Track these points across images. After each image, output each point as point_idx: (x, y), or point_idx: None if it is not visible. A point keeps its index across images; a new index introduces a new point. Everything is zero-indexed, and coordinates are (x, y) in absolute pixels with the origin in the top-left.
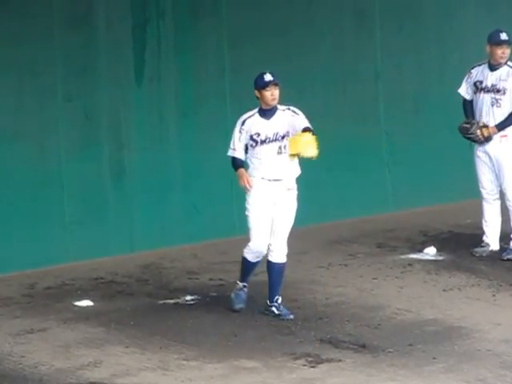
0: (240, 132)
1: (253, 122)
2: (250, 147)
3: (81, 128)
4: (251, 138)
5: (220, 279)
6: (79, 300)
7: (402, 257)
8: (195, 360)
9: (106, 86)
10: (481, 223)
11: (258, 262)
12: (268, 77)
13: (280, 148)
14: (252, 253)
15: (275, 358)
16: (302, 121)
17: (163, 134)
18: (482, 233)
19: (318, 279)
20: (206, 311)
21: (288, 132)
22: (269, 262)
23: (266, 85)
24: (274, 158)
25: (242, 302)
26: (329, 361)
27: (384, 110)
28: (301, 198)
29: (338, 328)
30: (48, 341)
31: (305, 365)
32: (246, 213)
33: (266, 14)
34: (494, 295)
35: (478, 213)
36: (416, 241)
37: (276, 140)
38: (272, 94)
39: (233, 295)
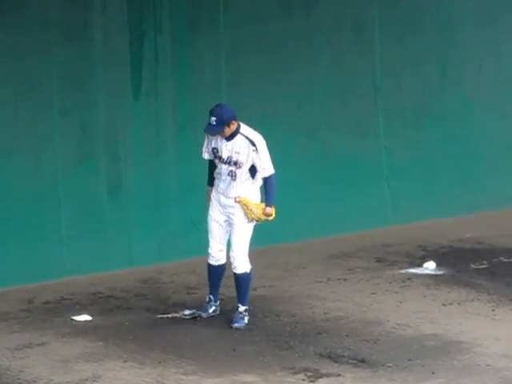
0: (207, 138)
1: (216, 136)
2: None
3: (77, 142)
4: (212, 150)
5: (219, 294)
6: (77, 314)
7: (401, 271)
8: (194, 374)
9: (103, 100)
10: (481, 238)
11: (219, 269)
12: (211, 121)
13: (231, 172)
14: (209, 254)
15: (274, 373)
16: (262, 163)
17: (160, 148)
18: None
19: (316, 294)
20: (205, 326)
21: (242, 163)
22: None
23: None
24: (225, 178)
25: (205, 311)
26: (328, 375)
27: (383, 123)
28: (299, 212)
29: (337, 343)
30: (46, 355)
31: (304, 379)
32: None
33: (263, 27)
34: (493, 310)
35: (478, 227)
36: (415, 255)
37: (228, 163)
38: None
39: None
